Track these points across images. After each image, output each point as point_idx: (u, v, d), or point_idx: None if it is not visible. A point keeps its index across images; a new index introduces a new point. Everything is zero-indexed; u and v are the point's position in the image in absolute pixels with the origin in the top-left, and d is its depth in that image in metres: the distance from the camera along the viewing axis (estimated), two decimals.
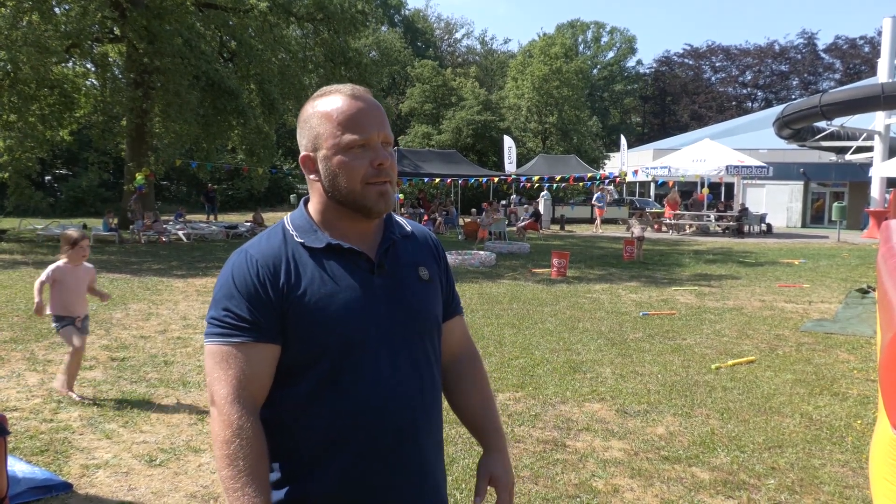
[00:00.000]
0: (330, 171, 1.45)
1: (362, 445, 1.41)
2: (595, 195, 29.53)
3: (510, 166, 29.95)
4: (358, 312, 1.42)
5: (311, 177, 1.50)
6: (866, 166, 26.42)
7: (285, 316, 1.41)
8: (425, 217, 25.72)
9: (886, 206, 24.68)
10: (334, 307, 1.41)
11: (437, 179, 26.76)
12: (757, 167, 25.45)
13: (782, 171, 30.65)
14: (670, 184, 26.72)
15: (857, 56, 61.27)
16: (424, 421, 1.48)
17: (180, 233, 20.65)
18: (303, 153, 1.50)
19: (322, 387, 1.41)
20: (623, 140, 31.05)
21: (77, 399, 5.15)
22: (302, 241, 1.47)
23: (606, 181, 30.47)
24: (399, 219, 1.64)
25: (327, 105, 1.46)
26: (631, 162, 33.49)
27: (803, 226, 32.74)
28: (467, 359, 1.71)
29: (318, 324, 1.40)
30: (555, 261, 13.01)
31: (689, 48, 68.00)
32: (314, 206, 1.53)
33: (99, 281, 11.42)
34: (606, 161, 41.79)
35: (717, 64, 68.51)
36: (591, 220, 33.52)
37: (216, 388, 1.38)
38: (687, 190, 30.46)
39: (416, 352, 1.49)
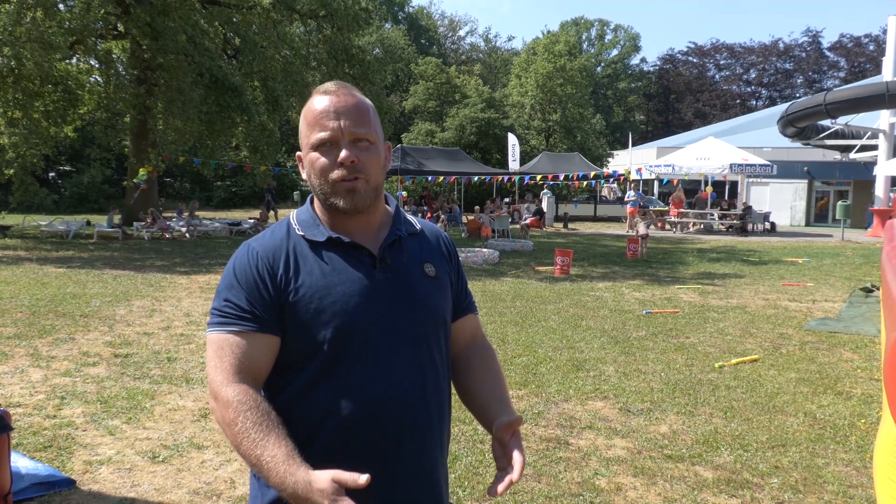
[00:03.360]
0: (307, 169, 1.49)
1: (361, 440, 1.41)
2: (627, 193, 29.31)
3: (514, 164, 29.91)
4: (356, 306, 1.43)
5: (304, 175, 1.53)
6: (870, 165, 26.37)
7: (284, 308, 1.42)
8: (428, 214, 25.71)
9: (891, 204, 24.62)
10: (332, 299, 1.41)
11: (441, 177, 26.75)
12: (761, 165, 25.42)
13: (786, 170, 30.59)
14: (674, 182, 26.67)
15: (861, 54, 61.08)
16: (425, 417, 1.47)
17: (183, 229, 20.68)
18: (298, 153, 1.55)
19: (320, 380, 1.41)
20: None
21: None
22: (304, 234, 1.49)
23: (611, 179, 30.41)
24: (409, 217, 1.64)
25: (307, 105, 1.50)
26: (635, 160, 33.45)
27: (807, 224, 32.68)
28: (479, 348, 1.70)
29: (316, 316, 1.41)
30: (558, 259, 13.00)
31: (693, 46, 67.96)
32: (317, 204, 1.55)
33: (103, 277, 11.49)
34: (610, 159, 41.71)
35: (722, 62, 68.37)
36: (594, 219, 33.52)
37: (213, 375, 1.39)
38: (691, 188, 30.42)
39: (419, 347, 1.48)
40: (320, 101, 1.47)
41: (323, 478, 1.24)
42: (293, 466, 1.26)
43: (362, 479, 1.23)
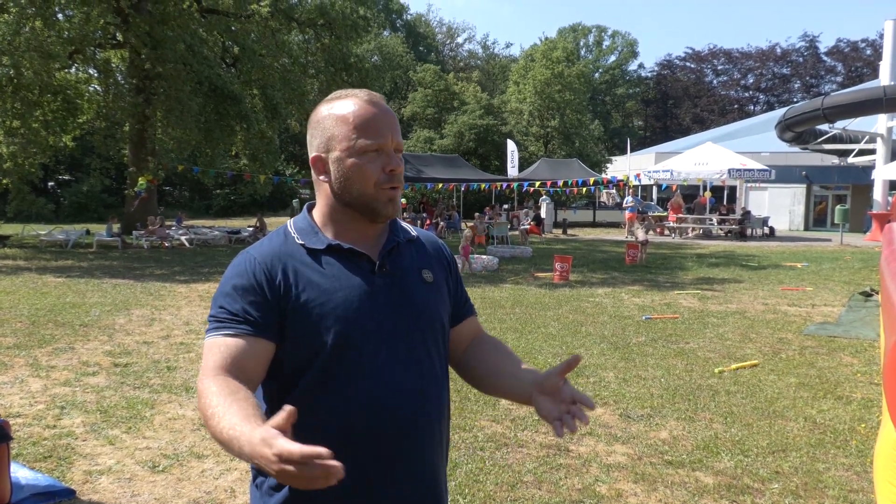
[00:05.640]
0: (342, 172, 1.47)
1: (360, 444, 1.41)
2: (625, 199, 29.30)
3: (513, 170, 29.94)
4: (356, 311, 1.43)
5: (321, 178, 1.51)
6: (868, 169, 26.42)
7: (284, 314, 1.42)
8: (428, 221, 25.73)
9: (889, 208, 24.64)
10: (332, 305, 1.42)
11: (440, 184, 26.79)
12: (759, 170, 25.45)
13: (784, 174, 30.62)
14: (673, 187, 26.73)
15: (858, 59, 61.27)
16: (425, 421, 1.48)
17: (183, 238, 20.68)
18: (314, 154, 1.51)
19: (320, 384, 1.42)
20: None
21: None
22: (303, 242, 1.49)
23: (609, 185, 30.44)
24: (405, 225, 1.65)
25: (343, 108, 1.47)
26: (633, 165, 33.50)
27: (806, 229, 32.69)
28: (486, 339, 1.69)
29: (318, 322, 1.41)
30: (557, 265, 13.00)
31: (690, 51, 68.21)
32: (319, 209, 1.55)
33: (102, 286, 11.48)
34: (609, 165, 41.79)
35: (719, 67, 68.58)
36: (593, 224, 33.55)
37: (200, 376, 1.37)
38: (689, 193, 30.45)
39: (418, 351, 1.49)
40: (365, 106, 1.46)
41: (263, 426, 1.12)
42: (245, 427, 1.16)
43: (284, 412, 1.12)
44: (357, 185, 1.46)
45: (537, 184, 27.23)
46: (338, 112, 1.47)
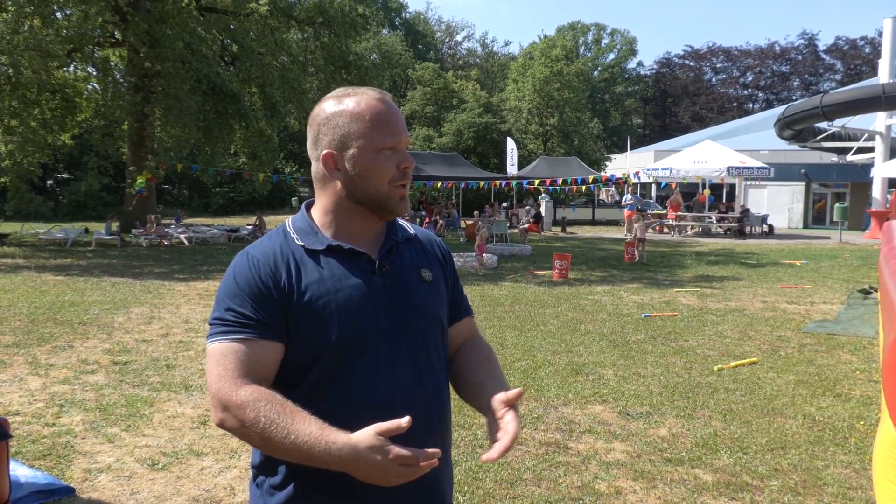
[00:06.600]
0: (359, 170, 1.46)
1: None
2: (625, 196, 29.28)
3: (512, 168, 29.93)
4: (357, 311, 1.43)
5: (332, 174, 1.49)
6: (867, 167, 26.42)
7: (288, 315, 1.41)
8: (427, 220, 25.73)
9: (888, 206, 24.65)
10: (334, 306, 1.42)
11: (439, 182, 26.78)
12: (758, 168, 25.46)
13: (783, 172, 30.64)
14: (672, 185, 26.73)
15: (857, 57, 61.29)
16: (426, 421, 1.48)
17: (182, 236, 20.67)
18: (325, 151, 1.48)
19: (321, 385, 1.41)
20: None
21: None
22: (303, 243, 1.48)
23: (609, 183, 30.44)
24: (403, 223, 1.65)
25: (358, 105, 1.46)
26: (632, 163, 33.50)
27: (805, 227, 32.71)
28: (474, 343, 1.68)
29: (318, 323, 1.41)
30: (556, 263, 13.01)
31: (689, 49, 68.13)
32: (321, 207, 1.53)
33: (101, 285, 11.47)
34: (608, 163, 41.77)
35: (718, 65, 68.57)
36: (592, 222, 33.55)
37: (219, 385, 1.36)
38: (688, 191, 30.48)
39: (418, 351, 1.49)
40: (379, 104, 1.47)
41: (366, 435, 1.27)
42: (332, 436, 1.28)
43: (404, 421, 1.27)
44: (373, 183, 1.46)
45: (536, 182, 27.22)
46: (352, 109, 1.46)
